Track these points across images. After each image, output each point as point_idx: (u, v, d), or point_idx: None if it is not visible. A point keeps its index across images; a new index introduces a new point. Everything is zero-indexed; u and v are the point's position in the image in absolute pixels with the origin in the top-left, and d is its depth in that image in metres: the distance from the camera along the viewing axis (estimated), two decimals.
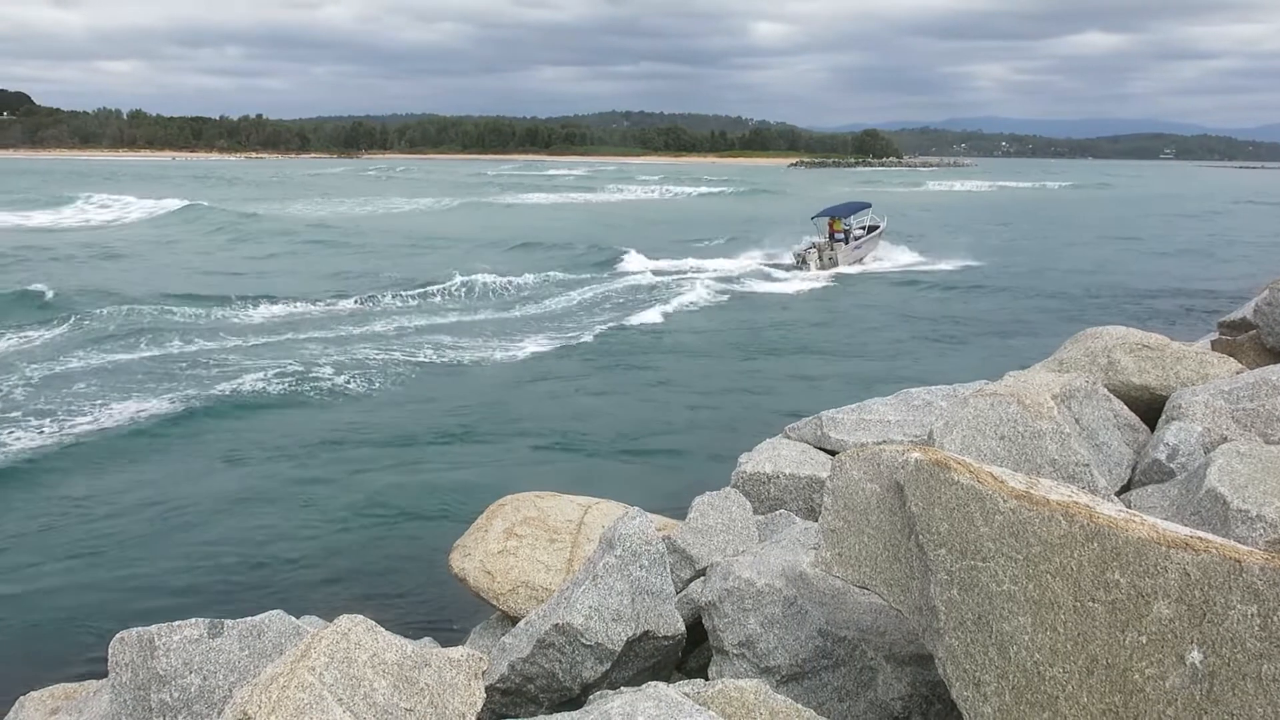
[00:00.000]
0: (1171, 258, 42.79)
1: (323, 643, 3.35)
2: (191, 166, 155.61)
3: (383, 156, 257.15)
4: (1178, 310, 27.45)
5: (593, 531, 6.02)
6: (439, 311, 25.67)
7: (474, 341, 21.21)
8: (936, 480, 3.17)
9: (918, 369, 18.83)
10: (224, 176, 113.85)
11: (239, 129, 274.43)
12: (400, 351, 19.75)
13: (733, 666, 4.08)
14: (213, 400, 15.55)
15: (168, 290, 27.17)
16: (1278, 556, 2.61)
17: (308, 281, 30.56)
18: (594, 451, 13.50)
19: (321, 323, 23.50)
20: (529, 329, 23.03)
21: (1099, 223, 64.18)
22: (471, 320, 24.26)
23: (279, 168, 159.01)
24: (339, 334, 22.00)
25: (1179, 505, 4.24)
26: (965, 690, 3.01)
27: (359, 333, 22.24)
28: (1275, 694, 2.48)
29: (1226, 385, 5.48)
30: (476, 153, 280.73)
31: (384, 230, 50.57)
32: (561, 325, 23.72)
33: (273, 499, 11.41)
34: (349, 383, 17.04)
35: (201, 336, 21.30)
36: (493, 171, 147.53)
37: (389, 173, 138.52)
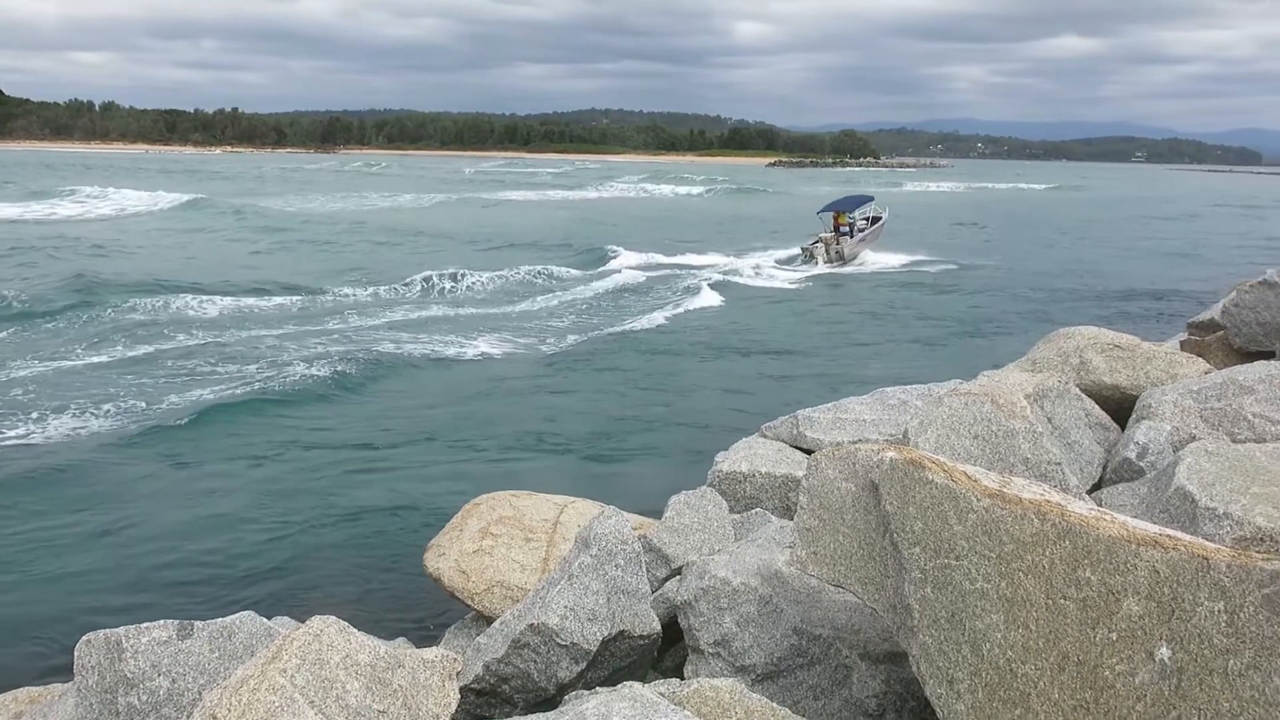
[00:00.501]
0: (1143, 259, 43.22)
1: (294, 644, 3.33)
2: (166, 160, 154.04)
3: (360, 152, 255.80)
4: (1149, 311, 27.73)
5: (569, 531, 6.01)
6: (415, 308, 25.54)
7: (451, 339, 21.12)
8: (911, 479, 3.19)
9: (894, 368, 18.93)
10: (207, 171, 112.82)
11: (214, 123, 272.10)
12: (373, 349, 19.65)
13: (708, 666, 4.09)
14: (180, 399, 15.40)
15: (136, 283, 26.86)
16: (1244, 554, 2.64)
17: (291, 275, 30.33)
18: (570, 451, 13.47)
19: (292, 318, 23.34)
20: (506, 327, 22.97)
21: (1075, 224, 64.73)
22: (449, 317, 24.17)
23: (255, 162, 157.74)
24: (309, 330, 21.86)
25: (1149, 503, 4.28)
26: (939, 688, 3.03)
27: (331, 329, 22.10)
28: (1241, 689, 2.50)
29: (1195, 385, 5.54)
30: (455, 149, 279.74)
31: (364, 225, 50.40)
32: (537, 324, 23.67)
33: (243, 499, 11.31)
34: (320, 380, 16.93)
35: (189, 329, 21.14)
36: (472, 169, 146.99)
37: (370, 169, 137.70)
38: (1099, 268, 38.83)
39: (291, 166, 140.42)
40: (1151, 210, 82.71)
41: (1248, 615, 2.53)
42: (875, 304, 28.64)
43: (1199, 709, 2.57)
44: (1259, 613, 2.52)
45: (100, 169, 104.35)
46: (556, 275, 33.05)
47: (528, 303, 27.23)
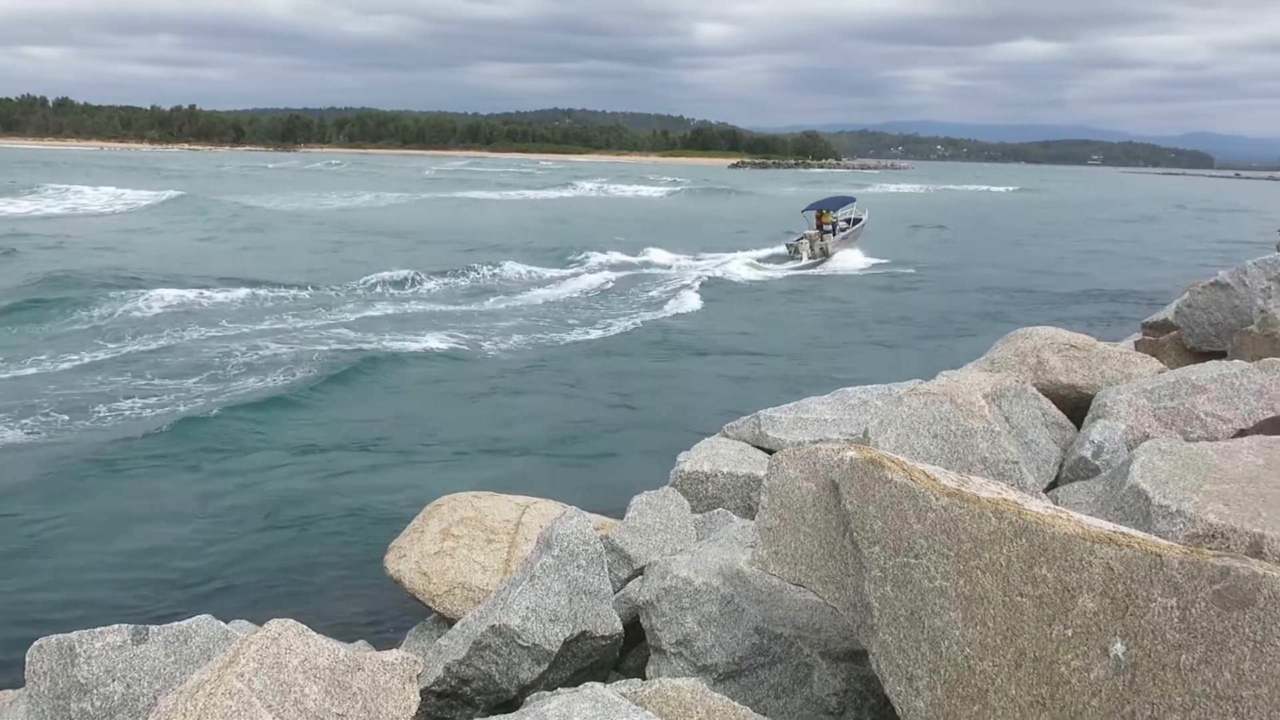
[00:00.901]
0: (1101, 260, 43.89)
1: (252, 648, 3.29)
2: (124, 158, 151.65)
3: (320, 150, 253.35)
4: (1105, 312, 28.15)
5: (530, 531, 5.99)
6: (375, 307, 25.35)
7: (409, 340, 20.98)
8: (870, 478, 3.21)
9: (856, 368, 19.06)
10: (172, 169, 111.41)
11: (171, 119, 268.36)
12: (330, 349, 19.48)
13: (670, 665, 4.09)
14: (130, 405, 15.16)
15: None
16: (1196, 551, 2.68)
17: (257, 273, 29.97)
18: (533, 451, 13.43)
19: (250, 318, 23.06)
20: (467, 328, 22.84)
21: (1036, 227, 65.59)
22: (405, 317, 24.01)
23: (216, 160, 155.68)
24: (267, 329, 21.63)
25: (1104, 501, 4.34)
26: (898, 685, 3.05)
27: (286, 329, 21.88)
28: (1193, 683, 2.55)
29: (1149, 384, 5.63)
30: (417, 148, 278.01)
31: (324, 224, 50.04)
32: (501, 325, 23.57)
33: (199, 503, 11.15)
34: (278, 382, 16.75)
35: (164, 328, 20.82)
36: (435, 168, 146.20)
37: (336, 167, 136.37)
38: (1057, 269, 39.40)
39: (254, 164, 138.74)
40: (1110, 213, 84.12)
41: (1199, 611, 2.58)
42: (838, 305, 28.84)
43: (1152, 704, 2.61)
44: (1210, 608, 2.56)
45: (57, 166, 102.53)
46: (524, 275, 32.98)
47: (491, 303, 27.11)
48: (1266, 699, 2.44)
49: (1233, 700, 2.49)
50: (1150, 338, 10.53)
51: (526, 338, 21.79)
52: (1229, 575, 2.56)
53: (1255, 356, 6.62)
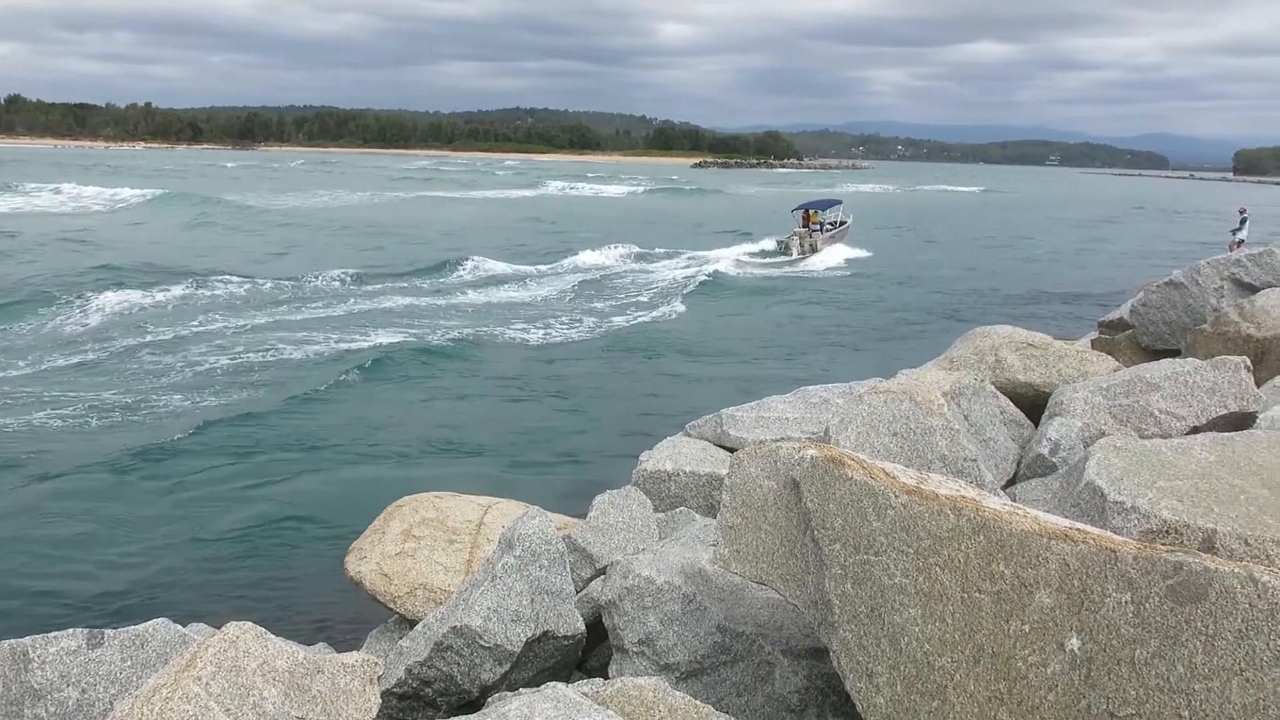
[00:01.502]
0: (1061, 260, 44.51)
1: (209, 651, 3.25)
2: (83, 156, 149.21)
3: (279, 149, 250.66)
4: (1062, 310, 28.53)
5: (493, 532, 5.96)
6: (337, 306, 25.13)
7: (372, 339, 20.83)
8: (831, 477, 3.23)
9: (818, 367, 19.19)
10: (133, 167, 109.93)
11: (126, 117, 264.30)
12: (288, 348, 19.29)
13: (632, 665, 4.09)
14: (86, 406, 14.92)
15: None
16: (1150, 546, 2.72)
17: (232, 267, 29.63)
18: (495, 452, 13.37)
19: (215, 316, 22.79)
20: (431, 327, 22.70)
21: (1000, 227, 66.30)
22: (369, 315, 23.83)
23: (174, 159, 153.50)
24: (228, 329, 21.37)
25: (1060, 498, 4.39)
26: (859, 682, 3.07)
27: (245, 328, 21.64)
28: (1147, 677, 2.58)
29: (1104, 382, 5.72)
30: (377, 147, 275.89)
31: (302, 222, 49.79)
32: (468, 324, 23.43)
33: (156, 505, 10.98)
34: (237, 382, 16.56)
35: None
36: (402, 167, 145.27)
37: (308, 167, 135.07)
38: (1018, 270, 39.86)
39: (222, 163, 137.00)
40: (1072, 213, 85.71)
41: (1153, 605, 2.62)
42: (802, 304, 28.98)
43: (1107, 697, 2.64)
44: (1164, 603, 2.60)
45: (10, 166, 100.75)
46: (494, 273, 32.91)
47: (458, 302, 26.95)
48: (1218, 692, 2.48)
49: (1186, 694, 2.53)
50: (1106, 336, 10.70)
51: (492, 337, 21.69)
52: (1182, 570, 2.60)
53: (1208, 354, 6.74)
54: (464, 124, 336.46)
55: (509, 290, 29.80)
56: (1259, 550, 3.58)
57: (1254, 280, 9.06)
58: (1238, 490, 3.95)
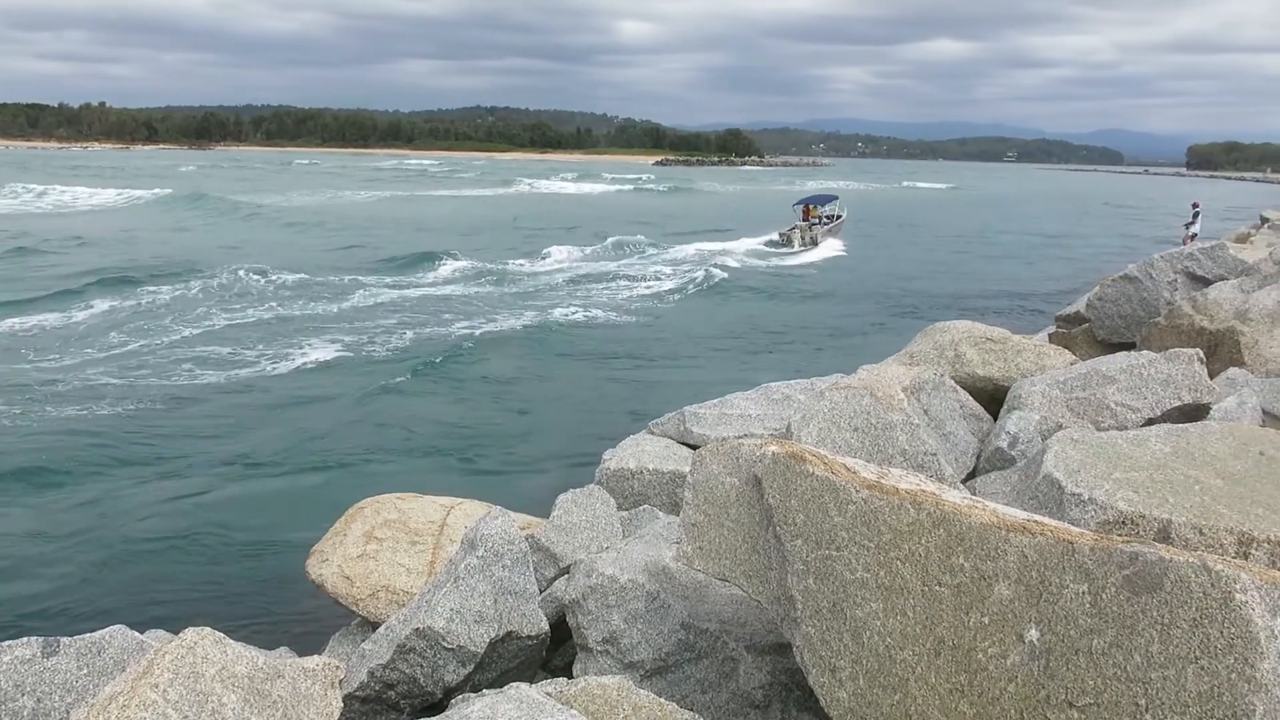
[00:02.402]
0: (1021, 255, 45.06)
1: (167, 658, 3.20)
2: (40, 156, 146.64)
3: (237, 149, 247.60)
4: (1021, 305, 28.87)
5: (455, 533, 5.93)
6: (290, 306, 24.87)
7: (332, 340, 20.64)
8: (792, 473, 3.24)
9: (780, 363, 19.26)
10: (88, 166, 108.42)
11: (80, 117, 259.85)
12: (247, 349, 19.07)
13: (596, 663, 4.08)
14: (48, 402, 14.67)
15: None
16: (1106, 537, 2.75)
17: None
18: (458, 452, 13.29)
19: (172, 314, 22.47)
20: (391, 327, 22.54)
21: (968, 223, 67.05)
22: (329, 315, 23.61)
23: (129, 159, 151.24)
24: (196, 330, 21.09)
25: (1019, 490, 4.44)
26: (822, 676, 3.08)
27: (207, 328, 21.37)
28: (1105, 667, 2.61)
29: (1061, 376, 5.79)
30: (336, 146, 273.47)
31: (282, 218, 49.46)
32: (422, 326, 23.28)
33: (112, 509, 10.79)
34: (195, 383, 16.34)
35: None
36: (370, 165, 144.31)
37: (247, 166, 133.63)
38: (982, 265, 40.33)
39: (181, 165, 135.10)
40: (1038, 208, 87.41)
41: (1109, 596, 2.64)
42: (768, 301, 29.09)
43: (1066, 687, 2.67)
44: (1120, 593, 2.63)
45: None
46: (464, 272, 32.80)
47: (405, 300, 26.75)
48: (1174, 680, 2.51)
49: (1142, 682, 2.56)
50: (1063, 330, 10.84)
51: (453, 340, 21.55)
52: (1137, 561, 2.63)
53: (1162, 347, 6.85)
54: (424, 123, 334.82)
55: (479, 287, 29.67)
56: (1213, 540, 3.64)
57: (1206, 273, 9.22)
58: (1192, 481, 4.01)
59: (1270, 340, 7.06)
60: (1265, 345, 7.04)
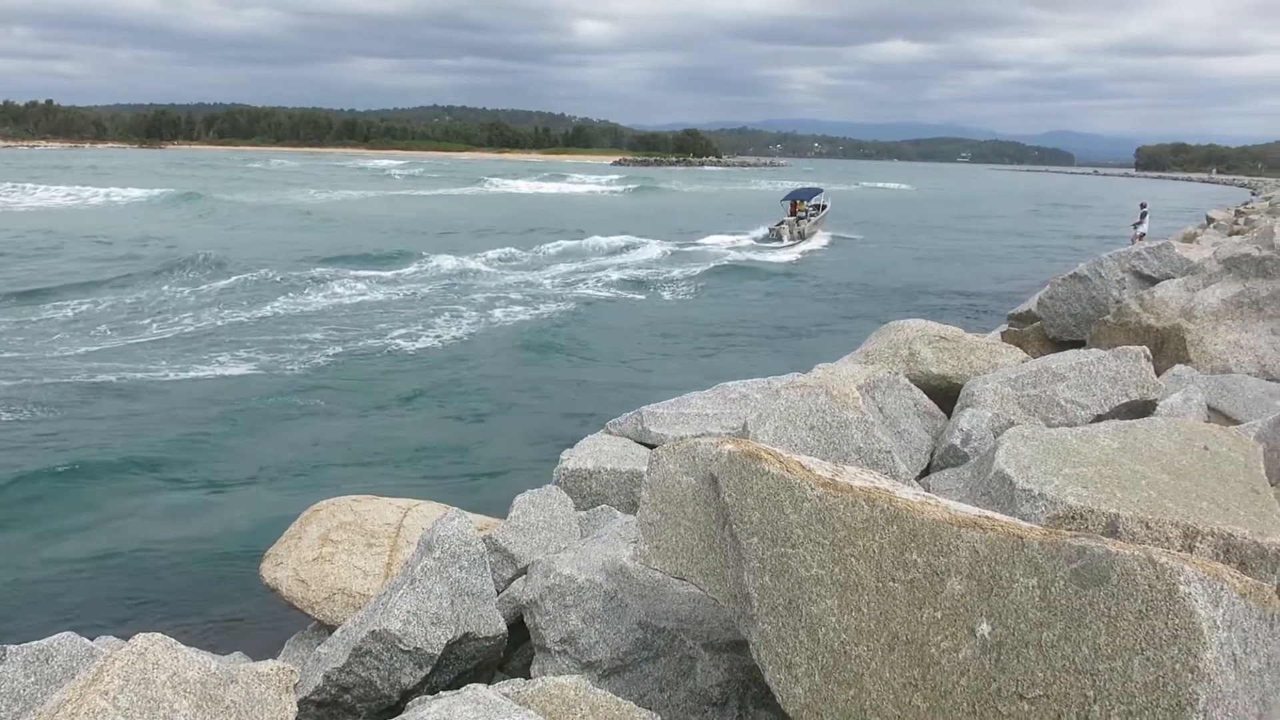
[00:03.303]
0: (976, 255, 45.65)
1: (116, 665, 3.15)
2: None
3: (188, 148, 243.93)
4: (974, 304, 29.23)
5: (412, 534, 5.89)
6: (241, 307, 24.56)
7: (280, 341, 20.41)
8: (748, 471, 3.26)
9: (737, 363, 19.34)
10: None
11: (25, 115, 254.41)
12: (202, 350, 18.81)
13: (554, 664, 4.08)
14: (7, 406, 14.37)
15: None
16: (1055, 532, 2.80)
17: None
18: (416, 453, 13.20)
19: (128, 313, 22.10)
20: (329, 333, 22.33)
21: (928, 223, 67.87)
22: (279, 316, 23.34)
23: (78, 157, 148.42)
24: (135, 328, 20.76)
25: (972, 487, 4.50)
26: (778, 673, 3.10)
27: (154, 329, 21.05)
28: (1054, 659, 2.66)
29: (1013, 373, 5.87)
30: (291, 145, 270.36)
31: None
32: (372, 326, 23.09)
33: (58, 514, 10.61)
34: (142, 383, 16.09)
35: None
36: (355, 166, 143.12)
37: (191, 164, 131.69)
38: (936, 265, 40.79)
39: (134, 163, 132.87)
40: (990, 207, 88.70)
41: (1058, 589, 2.69)
42: (724, 300, 29.20)
43: (1016, 680, 2.71)
44: (1068, 586, 2.68)
45: None
46: (430, 271, 32.67)
47: (355, 301, 26.52)
48: (1120, 671, 2.56)
49: (1090, 674, 2.61)
50: (1015, 328, 11.00)
51: (407, 340, 21.40)
52: (1085, 554, 2.68)
53: (1111, 344, 6.97)
54: (381, 122, 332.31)
55: (446, 285, 29.49)
56: (1159, 533, 3.71)
57: (1153, 272, 9.40)
58: (1139, 475, 4.09)
59: (1214, 337, 7.21)
60: (1209, 342, 7.19)
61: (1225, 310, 7.37)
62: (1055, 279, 10.14)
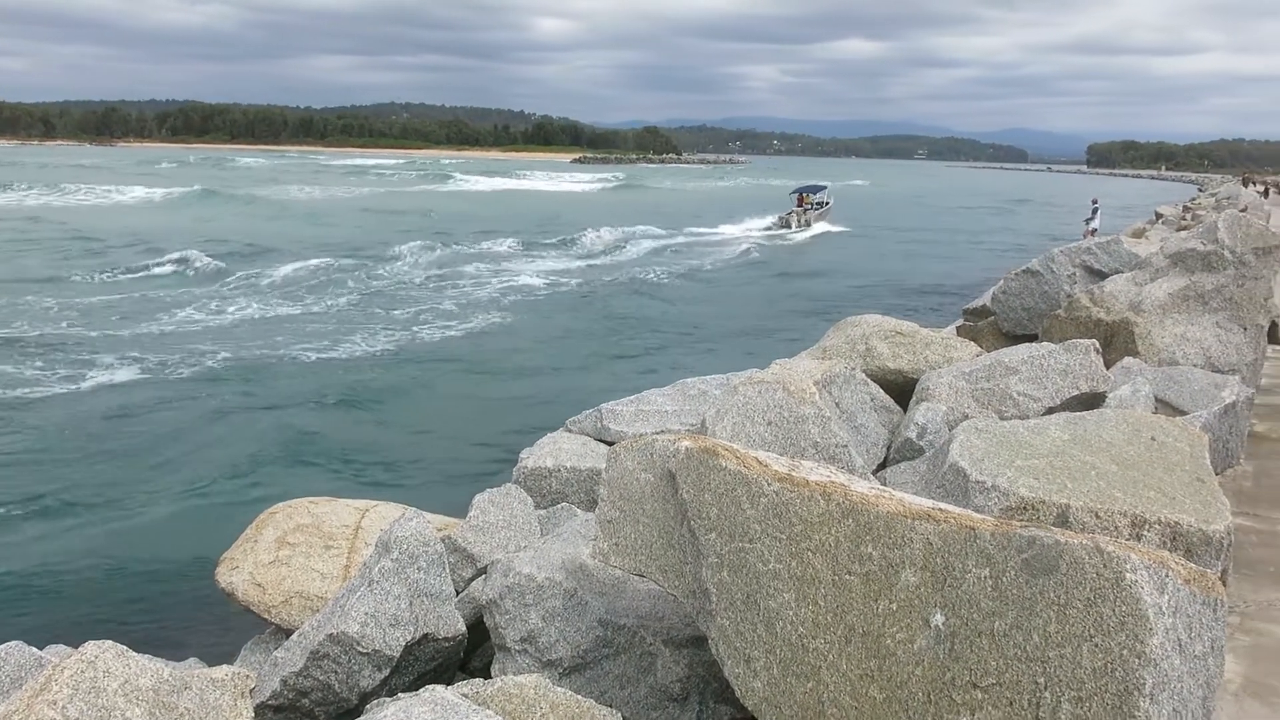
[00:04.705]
0: (931, 250, 46.11)
1: (66, 673, 3.10)
2: None
3: (139, 145, 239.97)
4: (930, 298, 29.53)
5: (371, 536, 5.85)
6: (228, 308, 24.24)
7: (243, 342, 20.17)
8: (705, 467, 3.27)
9: (696, 359, 19.38)
10: None
11: None
12: (172, 351, 18.54)
13: (515, 663, 4.07)
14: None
15: None
16: (1006, 523, 2.84)
17: None
18: (375, 454, 13.10)
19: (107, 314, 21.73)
20: (290, 333, 22.10)
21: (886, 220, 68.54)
22: (235, 320, 23.08)
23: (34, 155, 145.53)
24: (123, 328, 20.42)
25: (927, 480, 4.55)
26: (737, 667, 3.12)
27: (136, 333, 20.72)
28: (1006, 648, 2.70)
29: (967, 367, 5.94)
30: (246, 143, 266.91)
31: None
32: (328, 324, 22.89)
33: (10, 522, 10.41)
34: (104, 386, 15.83)
35: None
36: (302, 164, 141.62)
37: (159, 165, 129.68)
38: (896, 261, 41.17)
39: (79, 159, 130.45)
40: (952, 202, 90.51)
41: (1010, 579, 2.73)
42: (683, 298, 29.26)
43: (970, 669, 2.75)
44: (1019, 576, 2.72)
45: None
46: (393, 273, 32.45)
47: (331, 300, 26.30)
48: (1070, 658, 2.61)
49: (1041, 661, 2.65)
50: (970, 323, 11.13)
51: (367, 338, 21.23)
52: (1035, 544, 2.72)
53: (1062, 338, 7.07)
54: (338, 119, 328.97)
55: (387, 286, 29.27)
56: (1108, 523, 3.78)
57: (1103, 267, 9.55)
58: (1089, 466, 4.16)
59: (1162, 331, 7.34)
60: (1157, 335, 7.32)
61: (1172, 304, 7.51)
62: (1009, 274, 10.27)
